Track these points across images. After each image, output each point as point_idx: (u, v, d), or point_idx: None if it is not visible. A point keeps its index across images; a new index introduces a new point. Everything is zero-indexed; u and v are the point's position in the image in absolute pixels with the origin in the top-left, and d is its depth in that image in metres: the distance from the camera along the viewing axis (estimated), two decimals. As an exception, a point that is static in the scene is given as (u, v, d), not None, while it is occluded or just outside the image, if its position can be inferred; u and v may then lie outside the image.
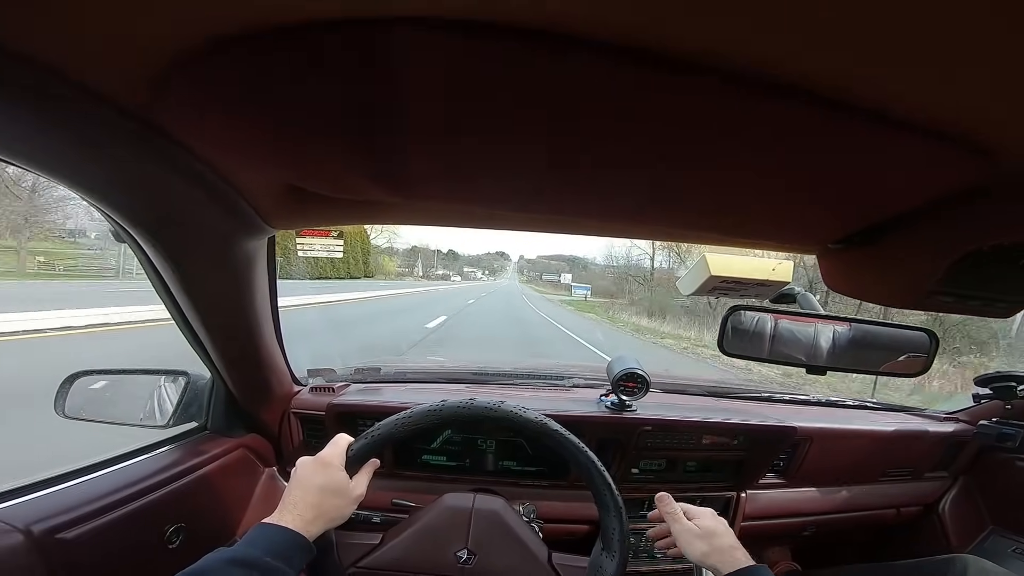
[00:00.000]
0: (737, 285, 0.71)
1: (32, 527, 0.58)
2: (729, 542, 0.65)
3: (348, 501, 0.59)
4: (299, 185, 0.56)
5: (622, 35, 0.28)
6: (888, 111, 0.33)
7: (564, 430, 0.66)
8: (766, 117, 0.35)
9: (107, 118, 0.41)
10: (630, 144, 0.40)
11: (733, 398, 1.38)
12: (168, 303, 0.74)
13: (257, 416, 1.01)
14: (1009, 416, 1.32)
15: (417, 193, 0.54)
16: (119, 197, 0.53)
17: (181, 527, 0.79)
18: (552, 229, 0.72)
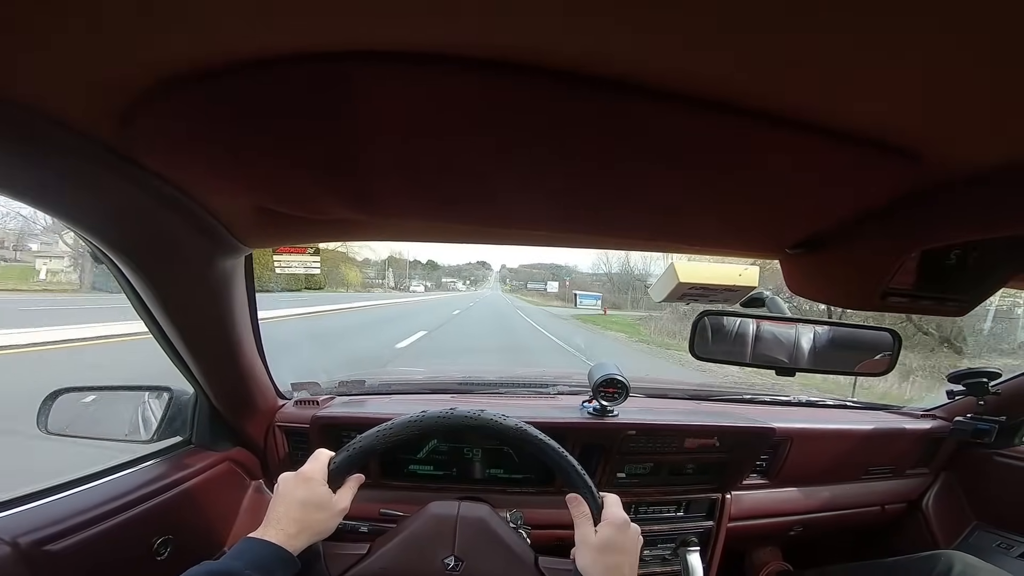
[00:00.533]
0: (705, 291, 0.73)
1: (19, 539, 0.58)
2: (618, 561, 0.61)
3: (331, 515, 0.60)
4: (271, 208, 0.58)
5: (568, 64, 0.31)
6: (820, 121, 0.35)
7: (543, 435, 0.68)
8: (713, 133, 0.37)
9: (79, 149, 0.42)
10: (587, 162, 0.42)
11: (714, 400, 1.40)
12: (148, 322, 0.75)
13: (242, 430, 1.01)
14: (983, 412, 1.35)
15: (386, 212, 0.55)
16: (95, 223, 0.54)
17: (169, 539, 0.79)
18: (521, 241, 0.73)
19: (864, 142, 0.37)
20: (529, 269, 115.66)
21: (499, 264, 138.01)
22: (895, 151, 0.39)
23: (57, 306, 11.91)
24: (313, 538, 0.58)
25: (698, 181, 0.46)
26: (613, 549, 0.62)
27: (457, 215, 0.58)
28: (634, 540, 0.64)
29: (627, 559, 0.62)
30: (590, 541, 0.62)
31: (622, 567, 0.61)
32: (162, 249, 0.62)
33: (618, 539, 0.62)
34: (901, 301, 0.58)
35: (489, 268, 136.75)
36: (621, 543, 0.62)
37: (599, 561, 0.61)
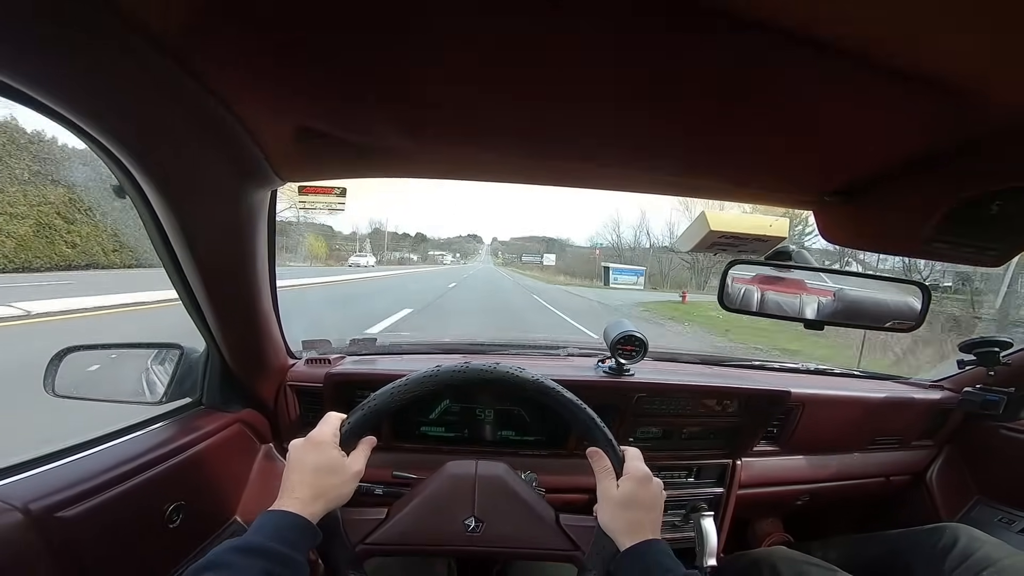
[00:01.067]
0: (735, 240, 0.72)
1: (31, 505, 0.57)
2: (641, 517, 0.60)
3: (345, 479, 0.59)
4: (312, 126, 0.56)
5: None
6: (881, 58, 0.34)
7: (561, 388, 0.67)
8: (763, 65, 0.36)
9: (125, 45, 0.40)
10: (637, 98, 0.41)
11: (726, 366, 1.40)
12: (167, 262, 0.72)
13: (252, 389, 1.00)
14: (992, 383, 1.35)
15: (433, 140, 0.54)
16: (129, 132, 0.52)
17: (181, 505, 0.78)
18: (555, 181, 0.72)
19: (926, 82, 0.36)
20: (522, 241, 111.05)
21: (490, 237, 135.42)
22: (955, 94, 0.37)
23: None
24: (330, 504, 0.57)
25: (749, 116, 0.45)
26: (636, 504, 0.61)
27: (504, 145, 0.56)
28: (657, 495, 0.63)
29: (650, 515, 0.61)
30: (612, 496, 0.62)
31: (644, 523, 0.60)
32: (193, 171, 0.59)
33: (641, 494, 0.61)
34: (942, 248, 0.57)
35: (480, 241, 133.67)
36: (644, 498, 0.61)
37: (621, 517, 0.60)
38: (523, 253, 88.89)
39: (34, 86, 0.41)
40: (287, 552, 0.50)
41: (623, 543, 0.59)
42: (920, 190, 0.54)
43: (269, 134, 0.58)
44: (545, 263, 66.25)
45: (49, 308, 6.00)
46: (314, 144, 0.59)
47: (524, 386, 0.66)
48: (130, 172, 0.57)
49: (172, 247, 0.69)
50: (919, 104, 0.39)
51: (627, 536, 0.59)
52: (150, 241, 0.70)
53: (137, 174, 0.57)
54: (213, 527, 0.88)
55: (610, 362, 1.12)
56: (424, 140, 0.55)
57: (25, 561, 0.55)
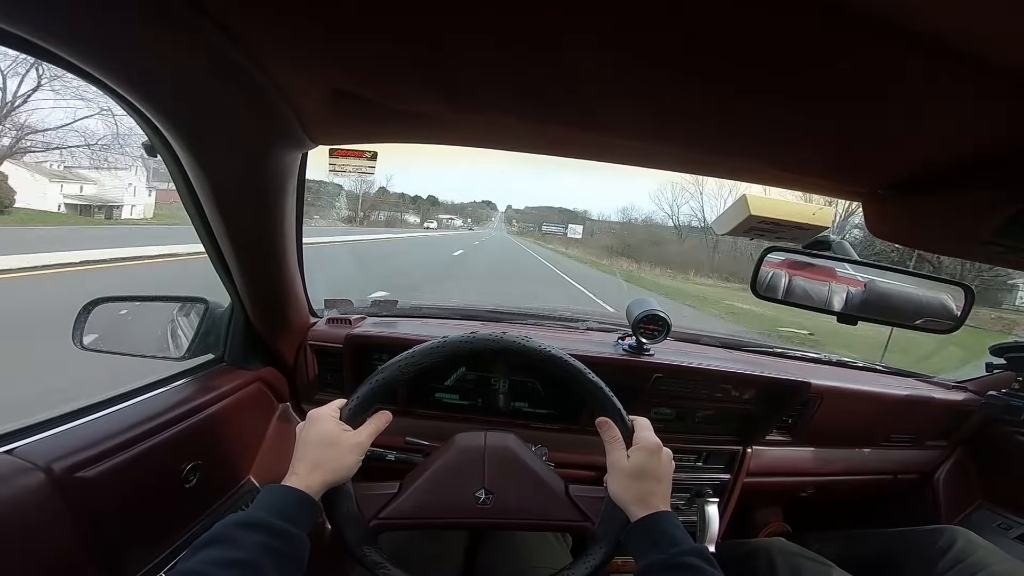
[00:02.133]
0: (775, 227, 0.69)
1: (53, 465, 0.57)
2: (651, 487, 0.60)
3: (344, 450, 0.59)
4: (346, 88, 0.54)
5: None
6: (956, 46, 0.31)
7: (570, 357, 0.66)
8: (826, 47, 0.33)
9: (164, 4, 0.38)
10: (691, 74, 0.39)
11: (746, 351, 1.37)
12: (195, 218, 0.72)
13: (274, 347, 1.01)
14: (1020, 388, 1.32)
15: (461, 102, 0.52)
16: (163, 93, 0.51)
17: (198, 464, 0.78)
18: (591, 155, 0.69)
19: (1003, 75, 0.33)
20: (537, 211, 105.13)
21: (504, 205, 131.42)
22: None
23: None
24: (328, 476, 0.58)
25: (804, 100, 0.42)
26: (646, 475, 0.61)
27: (539, 114, 0.54)
28: (667, 465, 0.63)
29: (660, 486, 0.61)
30: (622, 466, 0.62)
31: (655, 494, 0.60)
32: (225, 132, 0.58)
33: (651, 464, 0.61)
34: (999, 251, 0.54)
35: (494, 208, 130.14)
36: (654, 468, 0.61)
37: (631, 487, 0.61)
38: (543, 222, 79.81)
39: (61, 45, 0.40)
40: (285, 526, 0.52)
41: (634, 513, 0.60)
42: (983, 189, 0.50)
43: (301, 95, 0.56)
44: (570, 235, 56.87)
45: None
46: (346, 107, 0.57)
47: (531, 354, 0.65)
48: (159, 130, 0.56)
49: (201, 204, 0.69)
50: (994, 98, 0.36)
51: (637, 506, 0.60)
52: (179, 197, 0.70)
53: (167, 132, 0.56)
54: (227, 487, 0.89)
55: (631, 340, 1.11)
56: (458, 105, 0.54)
57: (47, 520, 0.55)
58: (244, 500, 0.91)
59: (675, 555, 0.54)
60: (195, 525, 0.79)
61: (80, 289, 2.92)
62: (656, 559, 0.55)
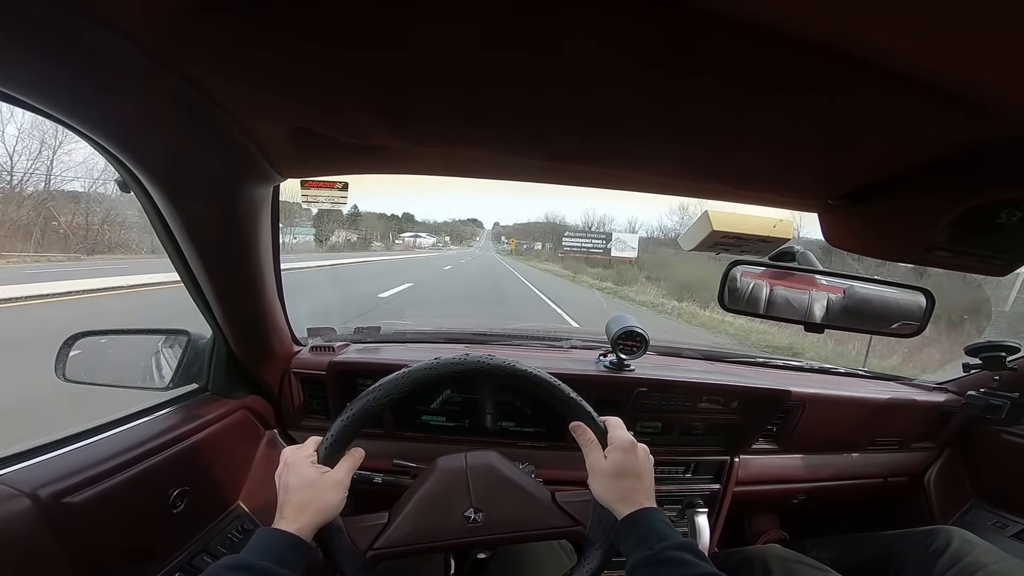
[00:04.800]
0: (738, 240, 0.71)
1: (38, 491, 0.58)
2: (633, 484, 0.61)
3: (322, 490, 0.60)
4: (309, 128, 0.56)
5: None
6: (887, 63, 0.34)
7: (533, 368, 0.67)
8: (771, 67, 0.36)
9: (122, 51, 0.40)
10: (640, 92, 0.41)
11: (728, 362, 1.39)
12: (172, 253, 0.73)
13: (258, 376, 1.01)
14: (998, 387, 1.34)
15: (423, 138, 0.54)
16: (130, 138, 0.53)
17: (185, 491, 0.79)
18: (554, 179, 0.71)
19: (932, 88, 0.36)
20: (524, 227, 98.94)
21: (491, 222, 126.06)
22: (966, 100, 0.37)
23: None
24: (317, 516, 0.58)
25: (755, 118, 0.44)
26: (625, 472, 0.62)
27: (496, 145, 0.56)
28: (645, 460, 0.64)
29: (642, 483, 0.62)
30: (601, 467, 0.63)
31: (637, 490, 0.61)
32: (195, 172, 0.60)
33: (628, 462, 0.62)
34: (945, 256, 0.57)
35: (480, 225, 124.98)
36: (632, 465, 0.62)
37: (613, 487, 0.62)
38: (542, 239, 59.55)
39: (30, 92, 0.42)
40: (276, 569, 0.52)
41: (620, 511, 0.60)
42: (927, 196, 0.53)
43: (265, 134, 0.58)
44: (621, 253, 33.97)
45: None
46: (310, 143, 0.59)
47: (497, 371, 0.66)
48: (130, 169, 0.57)
49: (176, 239, 0.70)
50: (929, 110, 0.39)
51: (622, 504, 0.61)
52: (155, 233, 0.71)
53: (136, 172, 0.57)
54: (215, 512, 0.90)
55: (611, 356, 1.12)
56: (418, 140, 0.55)
57: (34, 546, 0.56)
58: (234, 525, 0.91)
59: (661, 550, 0.55)
60: (183, 550, 0.79)
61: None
62: (643, 555, 0.55)
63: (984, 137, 0.43)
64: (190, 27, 0.37)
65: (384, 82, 0.42)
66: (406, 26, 0.34)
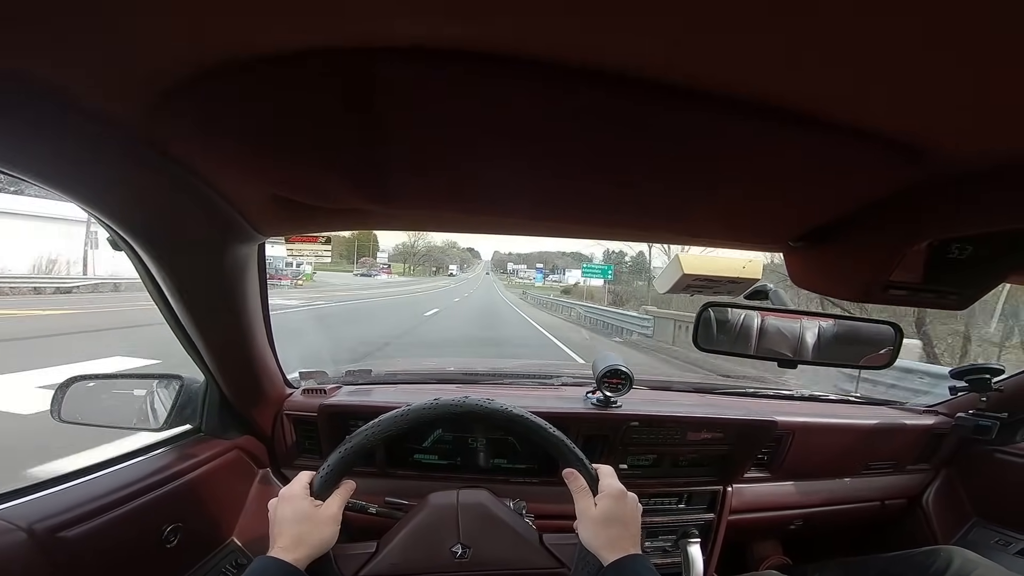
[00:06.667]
0: (709, 283, 0.74)
1: (34, 526, 0.60)
2: (620, 532, 0.62)
3: (317, 524, 0.61)
4: (285, 196, 0.59)
5: (580, 60, 0.31)
6: (823, 117, 0.36)
7: (529, 414, 0.68)
8: (721, 129, 0.39)
9: (104, 133, 0.43)
10: (594, 156, 0.43)
11: (717, 394, 1.41)
12: (163, 308, 0.76)
13: (251, 418, 1.03)
14: (985, 408, 1.36)
15: (394, 203, 0.57)
16: (115, 207, 0.56)
17: (178, 527, 0.81)
18: (523, 232, 0.75)
19: (867, 137, 0.38)
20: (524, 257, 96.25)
21: (491, 251, 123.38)
22: (897, 147, 0.40)
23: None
24: (313, 548, 0.60)
25: (701, 175, 0.47)
26: (614, 521, 0.63)
27: (465, 207, 0.60)
28: (633, 509, 0.65)
29: (628, 531, 0.63)
30: (590, 514, 0.64)
31: (623, 538, 0.62)
32: (180, 236, 0.63)
33: (617, 510, 0.63)
34: (902, 294, 0.59)
35: (478, 256, 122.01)
36: (621, 514, 0.64)
37: (600, 534, 0.62)
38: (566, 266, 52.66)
39: (11, 166, 0.44)
40: None
41: (605, 558, 0.61)
42: (878, 237, 0.56)
43: (244, 201, 0.62)
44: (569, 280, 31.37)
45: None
46: (288, 207, 0.62)
47: (493, 416, 0.68)
48: (119, 233, 0.60)
49: (165, 295, 0.72)
50: (870, 156, 0.41)
51: (609, 551, 0.61)
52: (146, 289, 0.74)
53: (125, 236, 0.60)
54: (210, 547, 0.91)
55: (598, 394, 1.14)
56: (394, 204, 0.58)
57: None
58: (228, 560, 0.93)
59: None
60: None
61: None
62: None
63: (922, 178, 0.45)
64: (164, 106, 0.39)
65: (358, 157, 0.45)
66: (381, 109, 0.37)
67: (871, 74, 0.31)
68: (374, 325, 11.00)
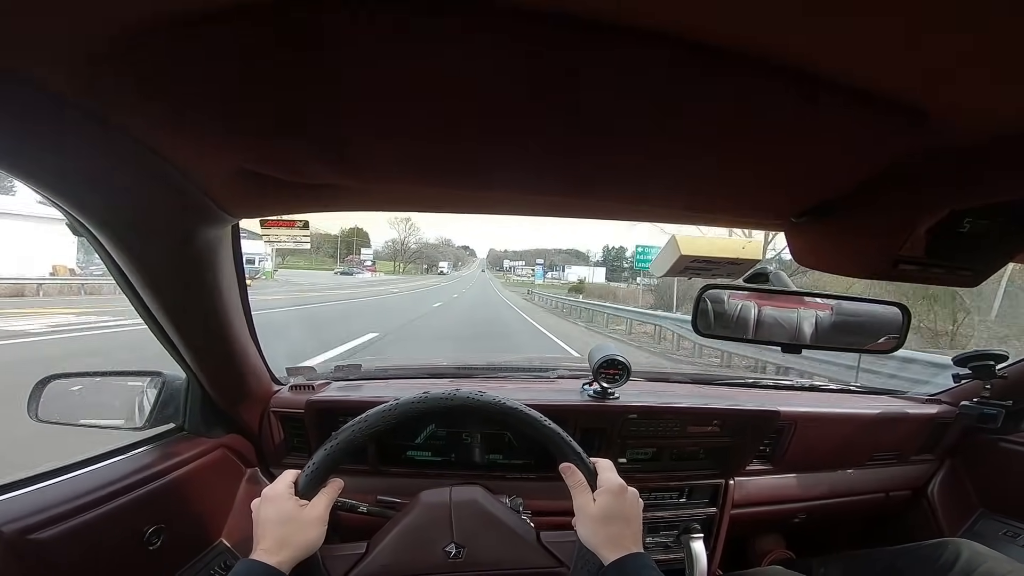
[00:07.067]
0: (708, 264, 0.71)
1: (3, 528, 0.58)
2: (620, 530, 0.60)
3: (302, 525, 0.59)
4: (252, 169, 0.55)
5: (570, 9, 0.28)
6: (839, 80, 0.34)
7: (523, 406, 0.66)
8: (722, 94, 0.36)
9: (45, 105, 0.40)
10: (589, 122, 0.40)
11: (716, 385, 1.39)
12: (133, 300, 0.72)
13: (236, 416, 1.00)
14: (989, 396, 1.33)
15: (370, 176, 0.54)
16: (67, 188, 0.52)
17: (161, 527, 0.78)
18: (511, 210, 0.71)
19: (878, 101, 0.36)
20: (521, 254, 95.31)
21: (486, 249, 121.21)
22: (909, 112, 0.37)
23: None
24: (297, 550, 0.58)
25: (706, 142, 0.44)
26: (614, 517, 0.60)
27: (442, 180, 0.56)
28: (634, 505, 0.63)
29: (630, 528, 0.61)
30: (589, 511, 0.61)
31: (624, 536, 0.60)
32: (139, 218, 0.59)
33: (617, 506, 0.61)
34: (912, 269, 0.56)
35: (473, 253, 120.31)
36: (621, 510, 0.61)
37: (600, 531, 0.60)
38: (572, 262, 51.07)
39: None
40: None
41: (606, 556, 0.59)
42: (888, 210, 0.53)
43: (208, 176, 0.58)
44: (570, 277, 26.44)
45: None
46: (257, 183, 0.58)
47: (485, 409, 0.65)
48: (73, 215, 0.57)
49: (133, 285, 0.69)
50: (881, 124, 0.39)
51: (609, 550, 0.59)
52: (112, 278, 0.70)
53: (82, 219, 0.56)
54: (197, 549, 0.89)
55: (595, 386, 1.11)
56: (362, 178, 0.55)
57: None
58: (217, 561, 0.91)
59: None
60: None
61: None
62: None
63: (939, 149, 0.43)
64: (109, 71, 0.36)
65: (321, 121, 0.41)
66: (338, 65, 0.34)
67: (886, 37, 0.29)
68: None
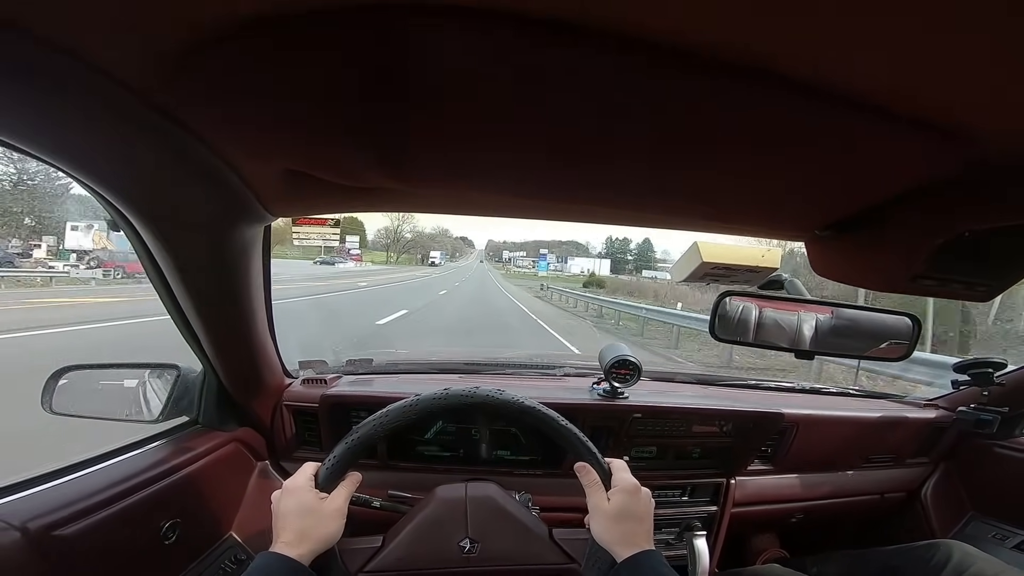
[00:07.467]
0: (727, 271, 0.73)
1: (28, 524, 0.58)
2: (633, 528, 0.62)
3: (323, 518, 0.60)
4: (299, 170, 0.56)
5: (621, 27, 0.29)
6: (867, 100, 0.35)
7: (542, 406, 0.67)
8: (754, 108, 0.37)
9: (112, 99, 0.40)
10: (628, 135, 0.41)
11: (721, 386, 1.40)
12: (162, 291, 0.73)
13: (249, 409, 1.00)
14: (987, 402, 1.36)
15: (416, 180, 0.54)
16: (119, 180, 0.53)
17: (176, 523, 0.79)
18: (546, 216, 0.72)
19: (911, 122, 0.37)
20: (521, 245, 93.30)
21: (484, 239, 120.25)
22: (941, 133, 0.38)
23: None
24: (318, 543, 0.58)
25: (736, 156, 0.45)
26: (628, 516, 0.62)
27: (490, 186, 0.57)
28: (647, 504, 0.65)
29: (642, 526, 0.62)
30: (603, 509, 0.63)
31: (637, 534, 0.61)
32: (184, 211, 0.60)
33: (631, 505, 0.62)
34: (931, 284, 0.58)
35: (471, 244, 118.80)
36: (635, 509, 0.63)
37: (614, 529, 0.61)
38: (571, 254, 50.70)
39: (11, 135, 0.42)
40: None
41: (619, 554, 0.60)
42: (911, 226, 0.54)
43: (256, 175, 0.58)
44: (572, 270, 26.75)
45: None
46: (301, 183, 0.59)
47: (506, 407, 0.67)
48: (120, 210, 0.58)
49: (166, 278, 0.70)
50: (907, 143, 0.40)
51: (622, 547, 0.60)
52: (144, 271, 0.71)
53: (126, 212, 0.57)
54: (208, 543, 0.90)
55: (605, 385, 1.13)
56: (412, 182, 0.56)
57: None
58: (227, 555, 0.91)
59: None
60: None
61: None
62: None
63: (965, 168, 0.44)
64: (177, 69, 0.36)
65: (389, 131, 0.42)
66: (404, 75, 0.35)
67: (922, 60, 0.29)
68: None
